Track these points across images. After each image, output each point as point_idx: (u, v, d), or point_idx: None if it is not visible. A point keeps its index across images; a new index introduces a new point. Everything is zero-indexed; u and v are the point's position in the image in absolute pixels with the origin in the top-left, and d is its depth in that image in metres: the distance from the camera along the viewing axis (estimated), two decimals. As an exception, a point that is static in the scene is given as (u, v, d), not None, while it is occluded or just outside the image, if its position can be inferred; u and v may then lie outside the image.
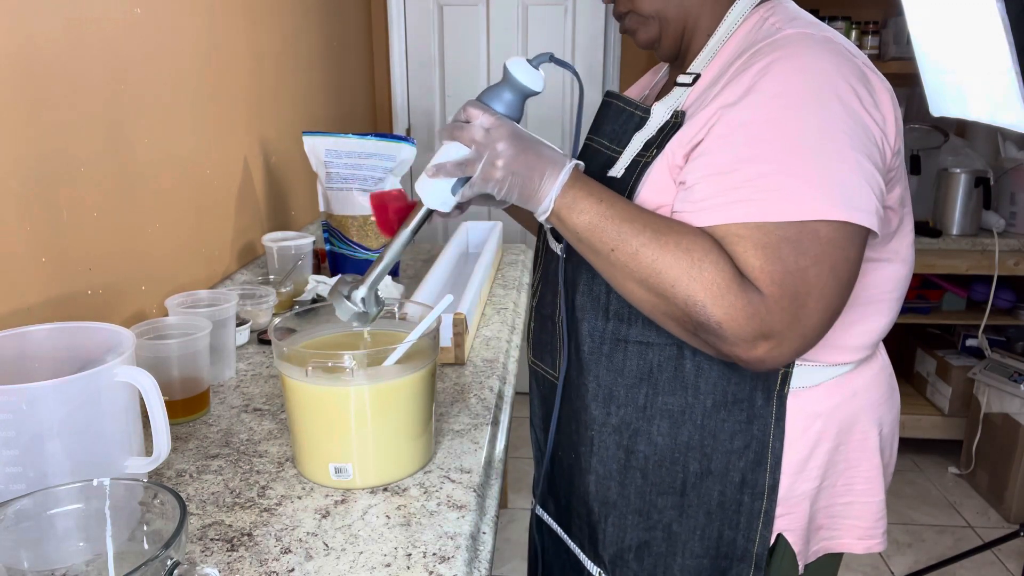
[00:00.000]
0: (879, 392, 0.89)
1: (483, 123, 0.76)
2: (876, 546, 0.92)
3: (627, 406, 0.85)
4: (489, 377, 1.21)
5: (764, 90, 0.72)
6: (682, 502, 0.85)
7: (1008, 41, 1.57)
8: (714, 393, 0.82)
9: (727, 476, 0.83)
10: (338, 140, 1.63)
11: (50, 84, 1.02)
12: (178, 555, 0.60)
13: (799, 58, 0.73)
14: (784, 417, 0.82)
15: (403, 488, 0.89)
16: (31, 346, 0.84)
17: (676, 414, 0.83)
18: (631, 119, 0.85)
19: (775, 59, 0.73)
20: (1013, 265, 2.57)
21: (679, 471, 0.85)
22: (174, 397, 1.04)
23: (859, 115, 0.72)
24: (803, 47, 0.73)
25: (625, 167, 0.83)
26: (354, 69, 2.76)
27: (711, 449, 0.83)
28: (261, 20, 1.80)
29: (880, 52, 2.76)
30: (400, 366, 0.87)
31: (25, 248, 0.98)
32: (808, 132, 0.71)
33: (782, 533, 0.86)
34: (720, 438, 0.83)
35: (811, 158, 0.70)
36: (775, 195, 0.70)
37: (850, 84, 0.72)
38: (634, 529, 0.88)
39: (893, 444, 0.94)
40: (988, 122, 1.85)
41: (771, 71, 0.72)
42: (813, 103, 0.71)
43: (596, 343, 0.85)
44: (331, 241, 1.70)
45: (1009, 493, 2.50)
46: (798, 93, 0.71)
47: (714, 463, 0.83)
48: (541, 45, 3.03)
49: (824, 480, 0.87)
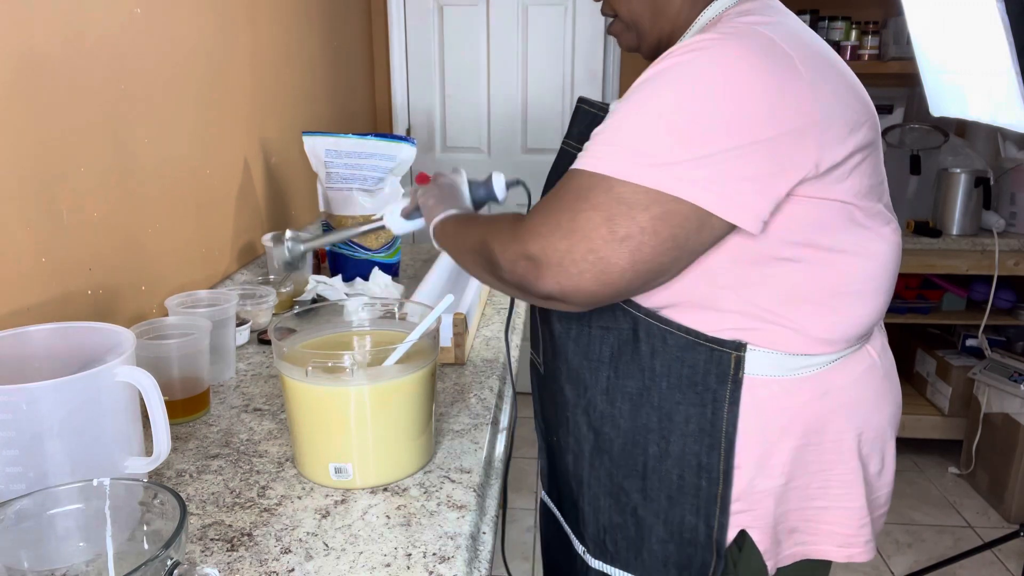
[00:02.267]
0: (861, 395, 0.87)
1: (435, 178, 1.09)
2: (858, 555, 0.89)
3: (593, 388, 0.88)
4: (489, 377, 1.21)
5: (657, 63, 0.77)
6: (645, 485, 0.87)
7: (1008, 41, 1.57)
8: (669, 375, 0.84)
9: (684, 459, 0.85)
10: (338, 140, 1.63)
11: (50, 84, 1.02)
12: (178, 555, 0.60)
13: (701, 40, 0.75)
14: (739, 403, 0.82)
15: (403, 488, 0.89)
16: (31, 346, 0.84)
17: (635, 396, 0.86)
18: (593, 119, 0.89)
19: (680, 51, 0.76)
20: (1013, 265, 2.57)
21: (640, 453, 0.87)
22: (174, 397, 1.04)
23: (751, 106, 0.73)
24: (713, 41, 0.75)
25: None
26: (354, 69, 2.76)
27: (668, 431, 0.85)
28: (261, 20, 1.80)
29: (880, 52, 2.77)
30: (400, 366, 0.87)
31: (25, 248, 0.98)
32: (655, 109, 0.75)
33: (746, 530, 0.86)
34: (676, 420, 0.84)
35: (638, 128, 0.75)
36: (595, 149, 0.78)
37: (757, 76, 0.73)
38: (607, 511, 0.91)
39: (884, 451, 0.91)
40: (988, 122, 1.85)
41: (665, 62, 0.76)
42: (683, 76, 0.74)
43: (565, 327, 0.90)
44: (331, 241, 1.70)
45: (1009, 493, 2.50)
46: (676, 66, 0.75)
47: (672, 446, 0.85)
48: (541, 45, 3.03)
49: (792, 479, 0.85)
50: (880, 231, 0.84)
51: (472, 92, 3.10)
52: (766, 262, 0.79)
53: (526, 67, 3.06)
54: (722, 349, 0.81)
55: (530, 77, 3.07)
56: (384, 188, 1.66)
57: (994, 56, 1.65)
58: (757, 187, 0.74)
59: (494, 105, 3.11)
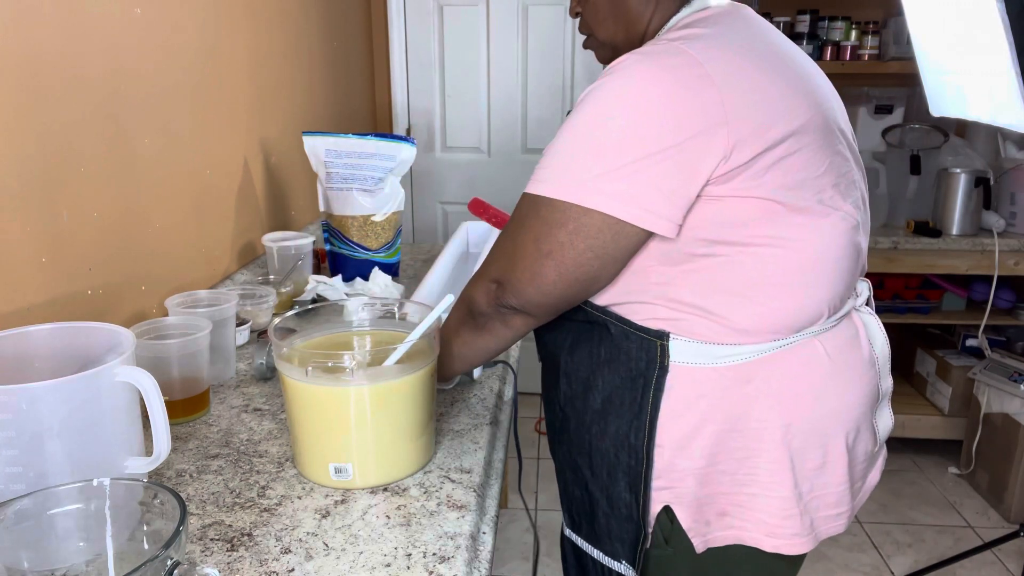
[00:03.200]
0: (792, 387, 0.87)
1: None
2: (783, 547, 0.90)
3: (567, 375, 0.97)
4: (489, 377, 1.21)
5: (581, 99, 0.85)
6: (591, 462, 0.95)
7: (1008, 41, 1.57)
8: (611, 362, 0.92)
9: (618, 438, 0.91)
10: (338, 140, 1.63)
11: (50, 84, 1.02)
12: (178, 555, 0.60)
13: (618, 64, 0.83)
14: (663, 388, 0.88)
15: (403, 488, 0.89)
16: (31, 346, 0.84)
17: (586, 380, 0.94)
18: None
19: (603, 73, 0.84)
20: (1013, 265, 2.57)
21: (585, 432, 0.95)
22: (174, 397, 1.04)
23: (647, 115, 0.80)
24: (627, 62, 0.82)
25: None
26: (354, 69, 2.76)
27: (607, 412, 0.92)
28: (261, 20, 1.80)
29: (880, 52, 2.77)
30: (400, 366, 0.87)
31: (25, 248, 0.98)
32: (576, 123, 0.84)
33: (670, 506, 0.91)
34: (614, 403, 0.91)
35: (564, 147, 0.85)
36: (537, 172, 0.87)
37: (659, 88, 0.80)
38: (573, 486, 0.99)
39: (828, 447, 0.90)
40: (988, 122, 1.85)
41: (593, 84, 0.85)
42: (598, 98, 0.82)
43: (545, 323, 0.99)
44: (331, 241, 1.70)
45: (1009, 493, 2.50)
46: (595, 90, 0.83)
47: (610, 426, 0.92)
48: (541, 45, 3.03)
49: (716, 463, 0.89)
50: (815, 223, 0.85)
51: (472, 92, 3.10)
52: (685, 259, 0.85)
53: (526, 67, 3.06)
54: (649, 338, 0.88)
55: (530, 77, 3.07)
56: (384, 188, 1.66)
57: (994, 56, 1.65)
58: (666, 193, 0.81)
59: (494, 105, 3.11)
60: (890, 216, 2.76)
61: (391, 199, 1.67)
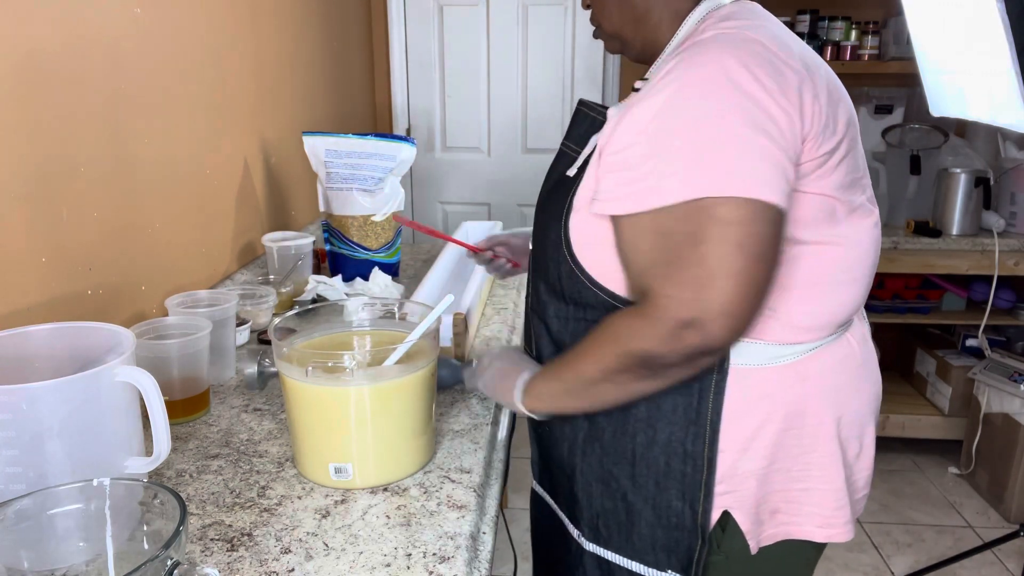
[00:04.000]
0: (839, 381, 0.90)
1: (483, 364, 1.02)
2: (837, 535, 0.92)
3: None
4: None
5: (664, 86, 0.79)
6: (634, 472, 0.91)
7: (1008, 41, 1.57)
8: None
9: (670, 446, 0.88)
10: (338, 140, 1.63)
11: (50, 84, 1.02)
12: (178, 555, 0.60)
13: (701, 55, 0.79)
14: (723, 392, 0.86)
15: (403, 488, 0.89)
16: (31, 346, 0.84)
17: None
18: (592, 123, 0.92)
19: (681, 59, 0.79)
20: (1013, 265, 2.57)
21: (628, 441, 0.90)
22: (174, 397, 1.04)
23: (760, 101, 0.76)
24: (708, 45, 0.79)
25: (579, 166, 0.90)
26: (354, 69, 2.76)
27: (656, 420, 0.88)
28: (261, 20, 1.80)
29: (880, 52, 2.76)
30: (400, 366, 0.87)
31: (25, 248, 0.98)
32: (697, 117, 0.76)
33: (729, 510, 0.89)
34: (664, 409, 0.87)
35: (699, 141, 0.76)
36: (663, 181, 0.76)
37: (751, 73, 0.76)
38: (599, 497, 0.94)
39: (863, 436, 0.94)
40: (988, 122, 1.85)
41: (674, 70, 0.79)
42: (704, 91, 0.77)
43: (562, 323, 0.93)
44: (331, 241, 1.70)
45: (1009, 493, 2.50)
46: (691, 84, 0.77)
47: (659, 434, 0.88)
48: (541, 45, 3.03)
49: (775, 462, 0.89)
50: (861, 223, 0.88)
51: (472, 92, 3.10)
52: None
53: (526, 67, 3.06)
54: None
55: (530, 77, 3.07)
56: (384, 188, 1.66)
57: (994, 56, 1.65)
58: (787, 181, 0.78)
59: (494, 105, 3.11)
60: (890, 216, 2.76)
61: (391, 199, 1.67)
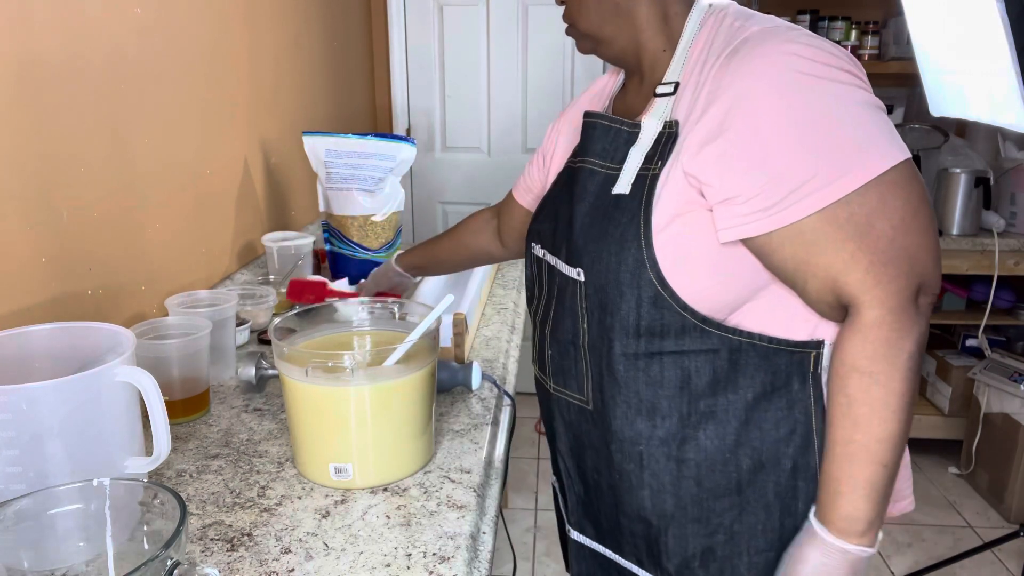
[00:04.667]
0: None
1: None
2: (907, 506, 0.90)
3: (671, 416, 0.84)
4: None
5: (765, 87, 0.74)
6: (740, 501, 0.84)
7: (1008, 41, 1.57)
8: (752, 386, 0.82)
9: (779, 466, 0.83)
10: (338, 140, 1.63)
11: (50, 84, 1.02)
12: (178, 555, 0.60)
13: (778, 47, 0.75)
14: (821, 398, 0.82)
15: (403, 488, 0.89)
16: (31, 346, 0.84)
17: (720, 414, 0.83)
18: (620, 135, 0.86)
19: (756, 54, 0.75)
20: (1013, 265, 2.57)
21: (732, 471, 0.84)
22: (174, 397, 1.04)
23: (855, 76, 0.75)
24: (778, 37, 0.76)
25: (631, 183, 0.83)
26: (354, 69, 2.76)
27: (759, 442, 0.83)
28: (261, 20, 1.80)
29: (880, 52, 2.77)
30: (400, 366, 0.87)
31: (25, 248, 0.98)
32: (827, 105, 0.73)
33: None
34: (766, 428, 0.82)
35: (844, 125, 0.72)
36: (830, 175, 0.72)
37: (834, 56, 0.74)
38: (695, 537, 0.87)
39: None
40: (988, 122, 1.85)
41: (757, 66, 0.75)
42: (809, 80, 0.73)
43: (631, 360, 0.84)
44: (331, 241, 1.70)
45: (1009, 493, 2.50)
46: (792, 75, 0.74)
47: (764, 455, 0.83)
48: (541, 45, 3.03)
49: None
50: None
51: (472, 92, 3.10)
52: None
53: (526, 67, 3.06)
54: (803, 351, 0.80)
55: (530, 77, 3.07)
56: (384, 188, 1.66)
57: (994, 56, 1.65)
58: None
59: (494, 105, 3.11)
60: (890, 216, 2.76)
61: (391, 199, 1.67)
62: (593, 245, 0.84)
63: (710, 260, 0.78)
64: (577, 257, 0.85)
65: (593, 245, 0.84)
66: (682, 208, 0.79)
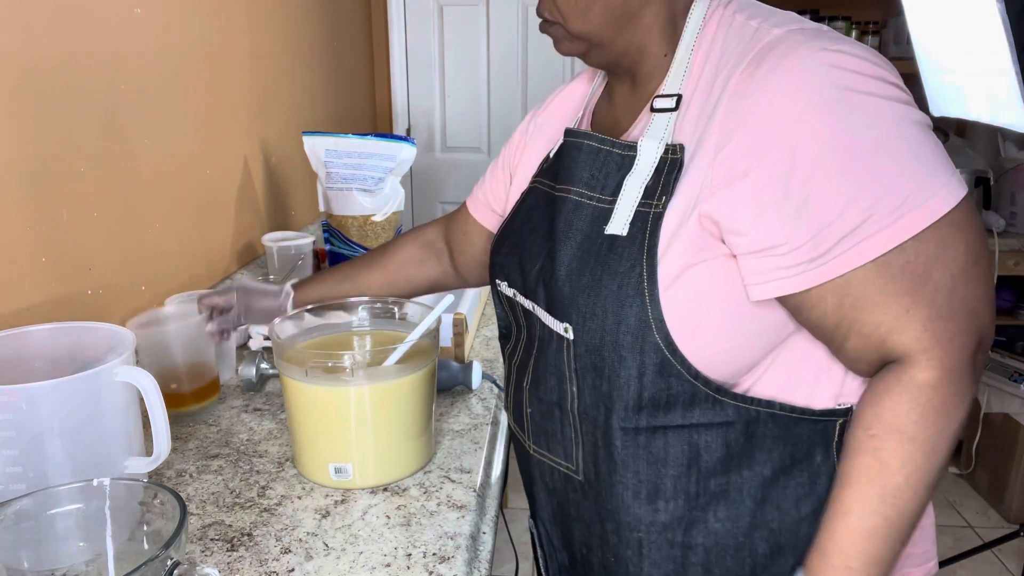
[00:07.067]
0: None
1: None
2: (931, 569, 0.79)
3: (676, 499, 0.72)
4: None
5: (803, 107, 0.62)
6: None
7: (1008, 41, 1.57)
8: (771, 460, 0.71)
9: (798, 546, 0.72)
10: (338, 140, 1.63)
11: (50, 84, 1.02)
12: (178, 555, 0.60)
13: (814, 55, 0.63)
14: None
15: (403, 488, 0.89)
16: (31, 346, 0.84)
17: (733, 494, 0.71)
18: (611, 159, 0.73)
19: (788, 66, 0.63)
20: (1013, 265, 2.57)
21: (746, 556, 0.72)
22: (182, 387, 1.03)
23: (902, 92, 0.65)
24: (811, 44, 0.64)
25: (628, 221, 0.69)
26: (354, 69, 2.76)
27: (778, 523, 0.72)
28: (261, 20, 1.80)
29: (880, 52, 2.76)
30: (400, 366, 0.87)
31: (25, 248, 0.98)
32: (876, 130, 0.62)
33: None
34: (785, 508, 0.71)
35: (897, 155, 0.61)
36: (892, 213, 0.60)
37: (878, 66, 0.64)
38: None
39: None
40: (988, 122, 1.85)
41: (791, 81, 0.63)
42: (856, 98, 0.62)
43: (630, 436, 0.71)
44: (331, 241, 1.70)
45: (1009, 493, 2.50)
46: (835, 92, 0.62)
47: (783, 537, 0.72)
48: (541, 45, 3.03)
49: None
50: None
51: (472, 92, 3.10)
52: None
53: (526, 67, 3.06)
54: (829, 419, 0.69)
55: (530, 77, 3.07)
56: (384, 188, 1.66)
57: (994, 56, 1.65)
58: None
59: (494, 105, 3.11)
60: (890, 216, 2.76)
61: (391, 199, 1.67)
62: (584, 298, 0.70)
63: (729, 319, 0.66)
64: (563, 310, 0.72)
65: (584, 298, 0.70)
66: (695, 257, 0.66)
